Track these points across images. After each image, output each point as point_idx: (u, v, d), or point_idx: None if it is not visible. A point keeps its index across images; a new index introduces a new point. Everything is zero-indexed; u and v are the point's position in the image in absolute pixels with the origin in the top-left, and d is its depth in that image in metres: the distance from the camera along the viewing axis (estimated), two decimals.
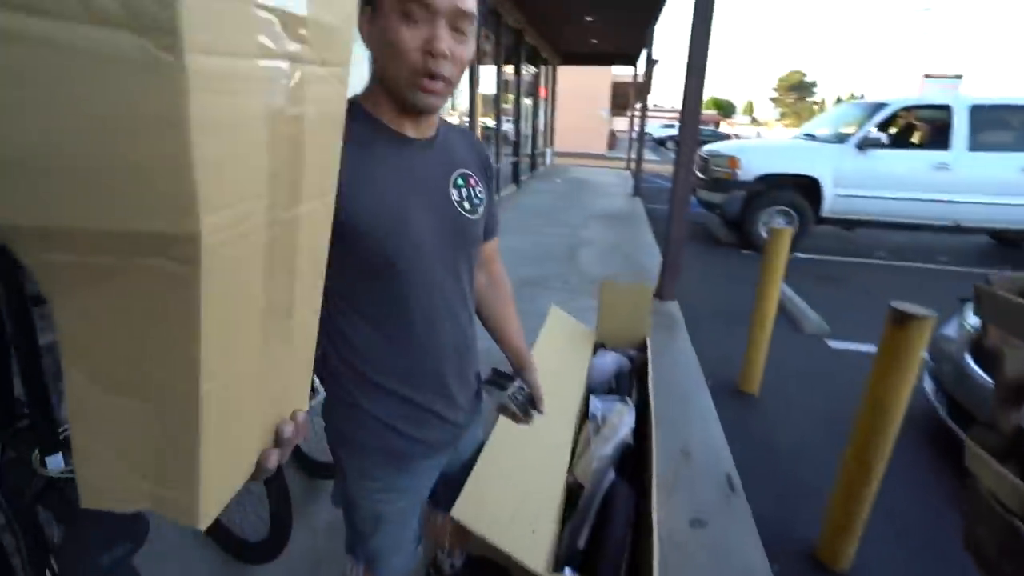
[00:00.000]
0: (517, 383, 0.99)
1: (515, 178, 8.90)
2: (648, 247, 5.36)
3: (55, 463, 0.91)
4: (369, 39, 0.70)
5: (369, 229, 0.71)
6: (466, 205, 0.83)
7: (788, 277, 4.65)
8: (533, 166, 10.62)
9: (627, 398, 1.53)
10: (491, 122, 7.54)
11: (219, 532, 1.44)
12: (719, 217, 5.96)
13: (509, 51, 7.91)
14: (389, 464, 0.86)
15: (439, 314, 0.82)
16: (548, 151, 12.65)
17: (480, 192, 0.87)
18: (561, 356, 1.71)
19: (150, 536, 0.95)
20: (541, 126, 11.56)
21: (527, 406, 0.98)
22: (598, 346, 1.93)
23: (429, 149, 0.80)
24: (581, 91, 17.34)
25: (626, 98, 19.52)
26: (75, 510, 0.90)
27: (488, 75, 7.16)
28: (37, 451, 0.90)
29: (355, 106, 0.72)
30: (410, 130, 0.77)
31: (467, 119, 6.23)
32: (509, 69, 8.18)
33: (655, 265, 4.19)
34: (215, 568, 1.47)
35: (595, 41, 10.50)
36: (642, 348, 1.83)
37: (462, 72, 0.74)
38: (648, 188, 9.96)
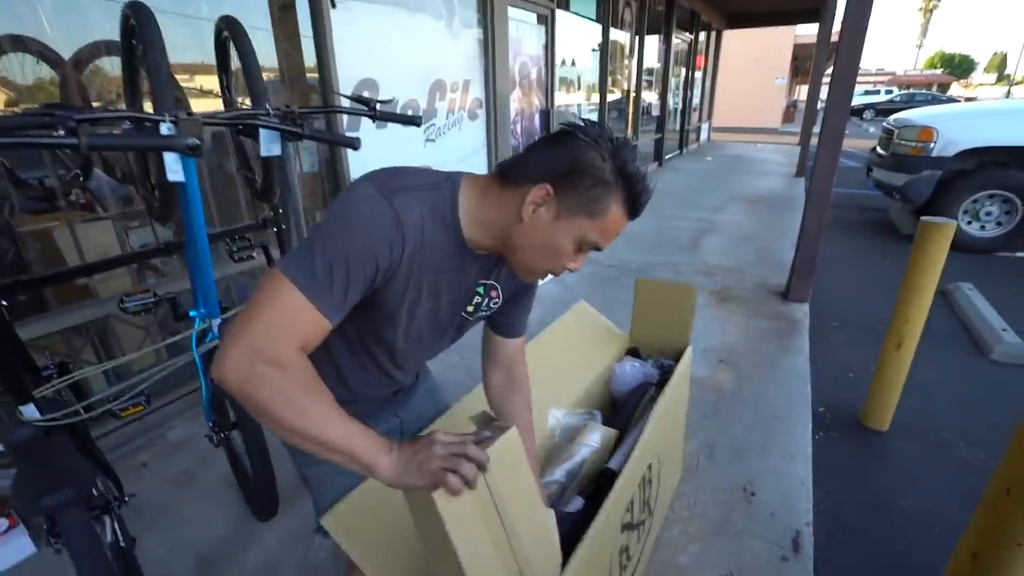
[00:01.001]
0: None
1: (657, 156, 8.28)
2: (795, 238, 4.56)
3: (30, 412, 1.04)
4: (531, 219, 0.73)
5: (387, 318, 0.78)
6: (470, 308, 0.86)
7: (989, 283, 3.67)
8: (682, 143, 9.76)
9: (595, 412, 1.28)
10: (620, 95, 7.05)
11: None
12: (902, 203, 4.80)
13: (655, 18, 7.27)
14: None
15: (409, 368, 0.94)
16: (704, 126, 11.51)
17: (495, 303, 0.89)
18: (570, 354, 1.49)
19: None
20: (696, 99, 10.53)
21: None
22: (631, 351, 1.66)
23: (477, 263, 0.82)
24: (753, 57, 15.38)
25: (811, 62, 16.75)
26: (24, 455, 1.02)
27: (625, 46, 6.69)
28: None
29: (451, 201, 0.75)
30: (480, 250, 0.80)
31: (596, 94, 5.92)
32: (653, 39, 7.54)
33: None
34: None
35: None
36: (678, 359, 1.51)
37: None
38: None
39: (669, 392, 1.33)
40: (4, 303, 1.12)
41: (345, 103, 1.40)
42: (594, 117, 5.93)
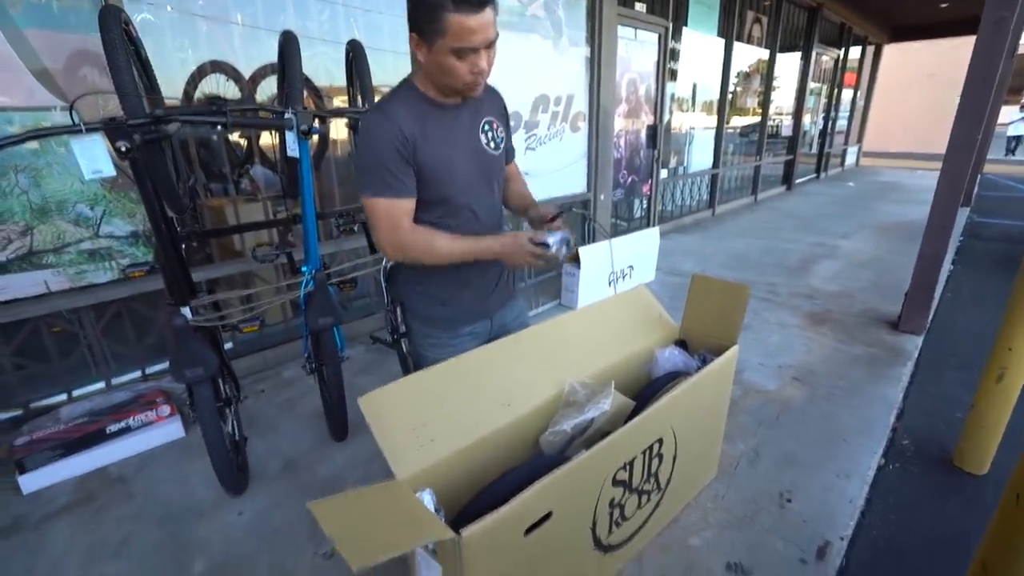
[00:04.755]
0: (559, 235, 1.15)
1: (786, 180, 7.76)
2: None
3: (185, 312, 1.48)
4: (424, 59, 1.02)
5: (433, 173, 1.10)
6: (491, 145, 1.20)
7: None
8: (820, 167, 8.98)
9: (612, 382, 1.37)
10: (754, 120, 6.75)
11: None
12: None
13: (792, 33, 6.90)
14: (437, 327, 1.28)
15: (479, 223, 1.21)
16: (851, 150, 10.45)
17: (501, 133, 1.23)
18: (616, 330, 1.59)
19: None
20: (843, 120, 9.64)
21: (565, 245, 1.16)
22: (679, 343, 1.72)
23: (462, 110, 1.14)
24: (926, 71, 13.59)
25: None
26: (178, 340, 1.45)
27: (753, 62, 6.44)
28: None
29: (410, 85, 1.10)
30: (449, 101, 1.12)
31: (714, 114, 5.79)
32: (792, 55, 7.14)
33: None
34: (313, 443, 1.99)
35: (945, 5, 8.12)
36: (719, 354, 1.55)
37: (492, 65, 1.05)
38: (994, 198, 7.31)
39: (698, 378, 1.39)
40: (183, 245, 1.60)
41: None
42: (711, 137, 5.82)
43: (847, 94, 9.44)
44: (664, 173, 5.11)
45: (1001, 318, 1.77)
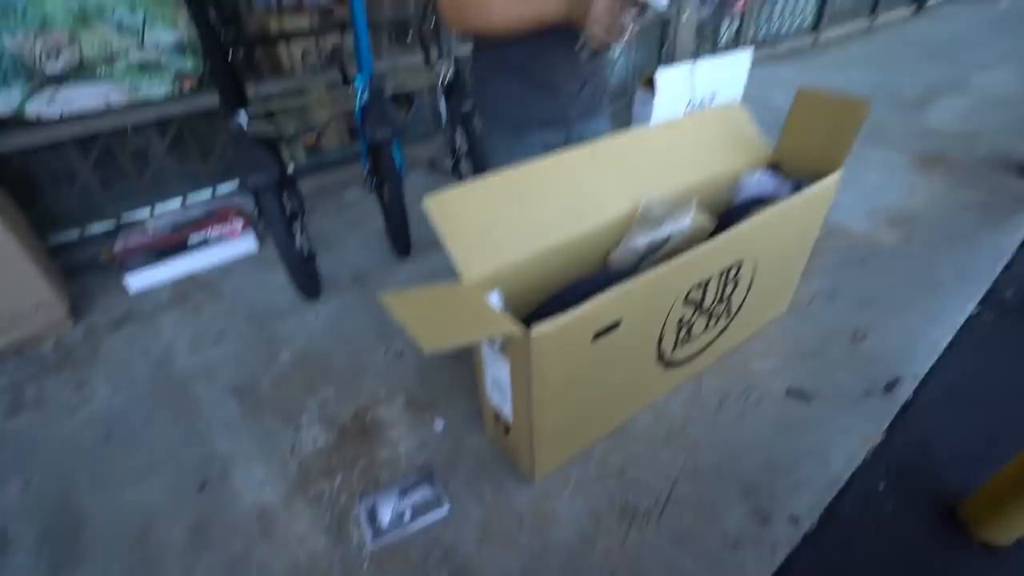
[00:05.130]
0: None
1: None
2: None
3: (241, 117, 1.44)
4: None
5: None
6: None
7: None
8: None
9: (694, 200, 1.25)
10: None
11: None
12: None
13: None
14: (506, 125, 1.24)
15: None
16: None
17: None
18: (703, 148, 1.43)
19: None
20: None
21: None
22: (771, 166, 1.53)
23: None
24: None
25: None
26: (237, 145, 1.43)
27: None
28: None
29: None
30: None
31: None
32: None
33: None
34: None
35: None
36: (816, 181, 1.36)
37: None
38: None
39: (790, 202, 1.24)
40: (230, 50, 1.50)
41: None
42: None
43: None
44: None
45: None
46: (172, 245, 1.98)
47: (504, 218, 1.08)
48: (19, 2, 1.71)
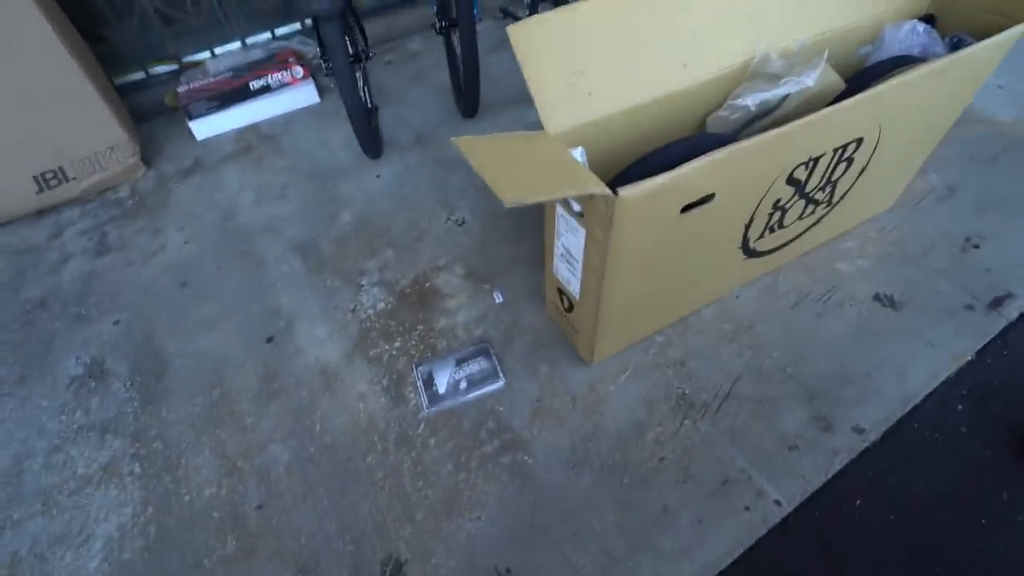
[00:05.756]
0: None
1: None
2: None
3: None
4: None
5: None
6: None
7: None
8: None
9: (825, 53, 1.02)
10: None
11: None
12: None
13: None
14: None
15: None
16: None
17: None
18: None
19: None
20: None
21: None
22: (926, 19, 1.23)
23: None
24: None
25: None
26: None
27: None
28: None
29: None
30: None
31: None
32: None
33: None
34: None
35: None
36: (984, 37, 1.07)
37: None
38: None
39: (942, 64, 0.98)
40: None
41: None
42: None
43: None
44: None
45: None
46: (235, 90, 1.92)
47: (595, 61, 0.93)
48: None
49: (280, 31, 2.19)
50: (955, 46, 1.13)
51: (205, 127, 1.90)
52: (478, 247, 1.46)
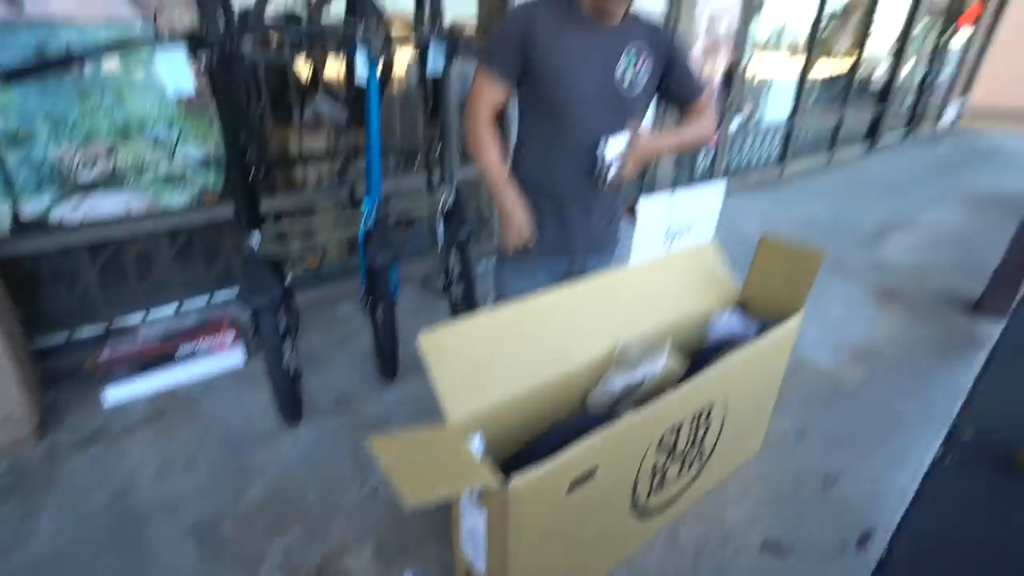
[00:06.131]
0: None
1: (869, 137, 7.08)
2: None
3: (254, 238, 1.55)
4: None
5: (550, 75, 1.17)
6: (625, 82, 1.21)
7: None
8: (912, 123, 8.13)
9: (667, 340, 1.32)
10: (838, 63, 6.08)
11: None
12: None
13: None
14: (517, 255, 1.36)
15: (582, 148, 1.24)
16: (953, 105, 9.34)
17: (645, 71, 1.23)
18: (674, 288, 1.53)
19: None
20: (949, 69, 8.56)
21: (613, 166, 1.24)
22: (738, 307, 1.64)
23: (608, 33, 1.18)
24: None
25: None
26: (247, 267, 1.51)
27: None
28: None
29: None
30: (598, 21, 1.17)
31: (802, 54, 5.25)
32: None
33: None
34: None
35: None
36: (780, 321, 1.46)
37: None
38: None
39: (756, 346, 1.33)
40: (252, 170, 1.63)
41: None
42: (792, 85, 5.32)
43: (958, 40, 8.31)
44: (735, 123, 4.75)
45: None
46: (159, 356, 1.99)
47: (493, 357, 1.14)
48: (71, 116, 1.86)
49: (218, 296, 2.38)
50: (762, 328, 1.51)
51: (119, 393, 1.90)
52: (391, 519, 1.45)
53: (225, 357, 2.09)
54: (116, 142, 1.97)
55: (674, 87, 1.32)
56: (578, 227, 1.37)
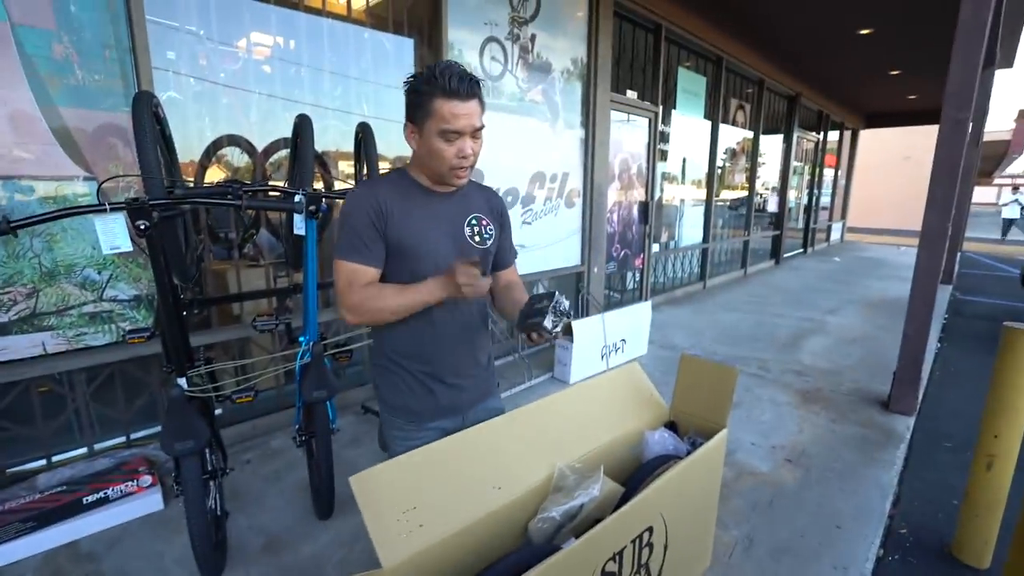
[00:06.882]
0: (555, 297, 1.11)
1: (774, 254, 7.99)
2: None
3: (182, 383, 1.48)
4: (416, 146, 1.14)
5: (408, 249, 1.15)
6: (476, 238, 1.23)
7: None
8: (807, 242, 9.29)
9: (601, 466, 1.36)
10: (738, 194, 7.06)
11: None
12: None
13: (774, 118, 7.36)
14: (402, 417, 1.27)
15: (451, 313, 1.21)
16: (836, 226, 10.84)
17: (489, 230, 1.26)
18: (605, 410, 1.59)
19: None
20: (826, 197, 10.08)
21: (565, 314, 1.12)
22: (669, 425, 1.72)
23: (450, 200, 1.21)
24: (902, 155, 14.37)
25: (997, 162, 15.07)
26: (172, 411, 1.44)
27: (739, 144, 6.82)
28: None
29: (402, 171, 1.20)
30: (439, 189, 1.19)
31: (704, 189, 6.06)
32: (774, 138, 7.57)
33: None
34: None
35: (913, 97, 8.75)
36: (709, 436, 1.55)
37: (478, 154, 1.14)
38: (975, 276, 7.55)
39: (687, 463, 1.38)
40: (184, 312, 1.62)
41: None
42: (701, 212, 6.07)
43: (829, 173, 9.93)
44: (656, 247, 5.27)
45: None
46: (61, 506, 1.77)
47: (426, 496, 1.11)
48: None
49: (137, 434, 2.20)
50: (693, 444, 1.59)
51: (6, 553, 1.66)
52: None
53: (141, 502, 1.90)
54: (39, 285, 1.90)
55: (499, 252, 1.32)
56: (467, 385, 1.32)
